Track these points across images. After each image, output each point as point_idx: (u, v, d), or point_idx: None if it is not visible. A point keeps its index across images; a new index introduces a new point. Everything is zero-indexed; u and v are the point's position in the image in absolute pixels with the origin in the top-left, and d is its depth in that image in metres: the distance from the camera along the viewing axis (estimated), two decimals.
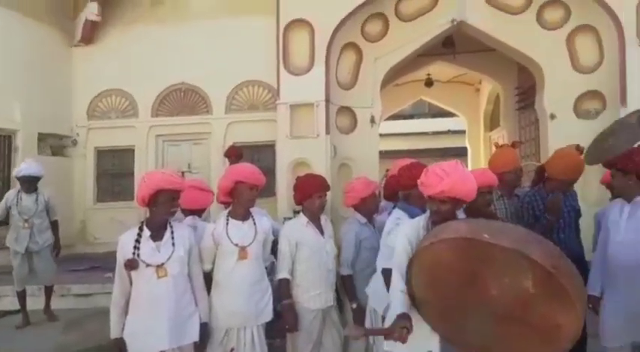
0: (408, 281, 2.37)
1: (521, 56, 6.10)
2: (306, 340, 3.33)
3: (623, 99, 5.30)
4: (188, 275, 2.82)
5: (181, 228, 2.87)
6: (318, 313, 3.37)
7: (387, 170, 4.87)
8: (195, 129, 6.55)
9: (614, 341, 3.04)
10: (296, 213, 5.26)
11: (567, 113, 5.70)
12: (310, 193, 3.38)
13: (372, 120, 6.16)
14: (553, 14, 5.74)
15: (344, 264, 3.61)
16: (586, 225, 4.04)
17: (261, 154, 6.28)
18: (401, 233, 2.56)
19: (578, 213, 3.85)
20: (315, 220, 3.43)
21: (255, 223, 3.14)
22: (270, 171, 5.82)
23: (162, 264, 2.66)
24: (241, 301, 3.04)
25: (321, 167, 5.50)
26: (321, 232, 3.44)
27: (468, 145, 11.38)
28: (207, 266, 3.07)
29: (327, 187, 3.51)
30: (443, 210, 2.40)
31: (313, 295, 3.34)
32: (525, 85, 7.39)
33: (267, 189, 5.40)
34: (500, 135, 9.02)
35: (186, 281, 2.79)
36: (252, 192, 3.08)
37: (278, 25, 5.86)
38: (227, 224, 3.08)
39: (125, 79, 6.77)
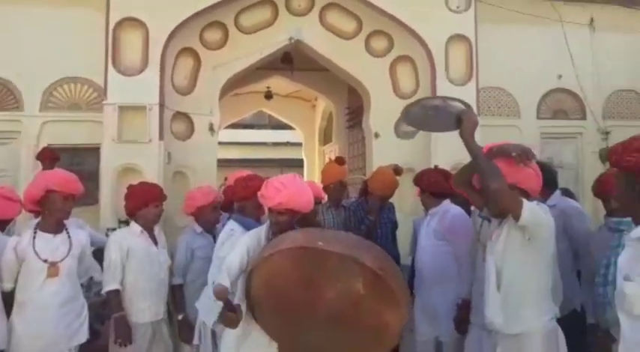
0: (248, 293, 2.43)
1: (351, 78, 6.59)
2: None
3: None
4: None
5: None
6: (148, 327, 3.24)
7: (226, 178, 4.86)
8: (1, 127, 5.70)
9: (422, 335, 3.48)
10: (122, 223, 4.92)
11: (389, 133, 6.31)
12: (146, 202, 3.29)
13: (211, 128, 6.06)
14: (379, 43, 6.33)
15: (175, 272, 3.57)
16: (405, 232, 4.53)
17: (83, 158, 5.70)
18: (242, 240, 2.63)
19: (394, 225, 4.38)
20: (149, 230, 3.33)
21: (69, 236, 2.87)
22: (92, 177, 5.34)
23: None
24: (49, 323, 2.75)
25: (152, 174, 5.21)
26: (155, 242, 3.35)
27: (304, 157, 11.90)
28: (8, 285, 2.73)
29: (164, 196, 3.46)
30: (281, 221, 2.54)
31: (143, 308, 3.21)
32: (354, 105, 7.99)
33: (89, 197, 4.93)
34: (333, 150, 9.60)
35: None
36: (67, 202, 2.82)
37: (107, 21, 5.42)
38: (34, 237, 2.76)
39: None
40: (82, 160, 5.66)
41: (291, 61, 7.33)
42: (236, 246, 2.64)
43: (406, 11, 5.99)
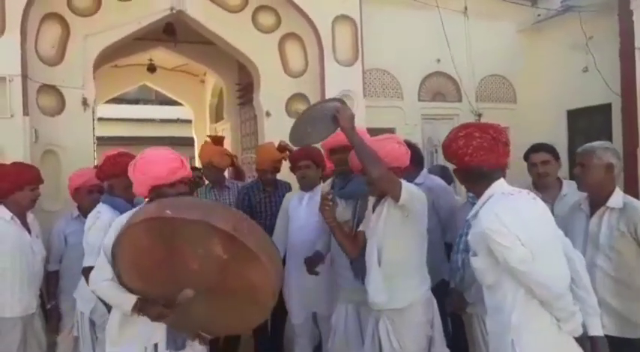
0: (119, 276, 2.31)
1: (239, 54, 6.40)
2: None
3: None
4: None
5: None
6: (17, 322, 3.01)
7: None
8: None
9: (298, 318, 3.55)
10: None
11: (280, 112, 6.26)
12: (21, 185, 3.09)
13: (85, 103, 5.58)
14: (266, 19, 6.19)
15: (50, 259, 3.46)
16: None
17: None
18: (116, 221, 2.47)
19: None
20: (21, 216, 3.14)
21: None
22: None
23: None
24: None
25: (18, 153, 4.70)
26: (28, 230, 3.15)
27: (194, 136, 11.45)
28: None
29: (40, 179, 3.29)
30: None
31: (11, 301, 3.00)
32: (245, 82, 7.81)
33: None
34: (225, 128, 9.34)
35: None
36: None
37: None
38: None
39: None
40: None
41: (174, 32, 6.94)
42: (112, 229, 2.48)
43: None
